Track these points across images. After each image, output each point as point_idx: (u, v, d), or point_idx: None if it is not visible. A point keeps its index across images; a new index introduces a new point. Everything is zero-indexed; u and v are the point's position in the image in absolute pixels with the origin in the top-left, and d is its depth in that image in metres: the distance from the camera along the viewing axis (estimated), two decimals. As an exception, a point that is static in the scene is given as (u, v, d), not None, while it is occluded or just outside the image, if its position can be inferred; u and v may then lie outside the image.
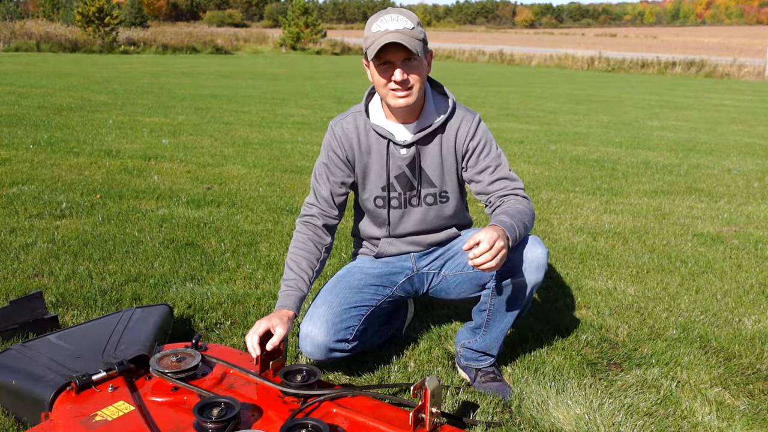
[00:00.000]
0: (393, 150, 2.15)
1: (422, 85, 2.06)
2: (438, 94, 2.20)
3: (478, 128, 2.16)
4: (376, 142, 2.16)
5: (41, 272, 3.12)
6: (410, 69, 1.99)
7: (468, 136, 2.15)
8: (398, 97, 2.02)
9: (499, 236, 1.81)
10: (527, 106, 12.44)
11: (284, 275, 2.15)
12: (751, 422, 2.09)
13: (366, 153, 2.18)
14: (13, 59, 20.85)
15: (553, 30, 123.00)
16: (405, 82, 2.00)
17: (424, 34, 2.01)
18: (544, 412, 2.10)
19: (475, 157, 2.16)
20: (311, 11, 38.93)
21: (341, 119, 2.20)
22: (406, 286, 2.33)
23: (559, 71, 27.42)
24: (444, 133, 2.16)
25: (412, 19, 1.97)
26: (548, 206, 4.92)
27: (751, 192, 5.69)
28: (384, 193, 2.20)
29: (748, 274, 3.55)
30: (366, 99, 2.20)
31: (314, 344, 2.08)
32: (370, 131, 2.16)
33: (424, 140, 2.15)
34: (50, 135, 7.02)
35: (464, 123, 2.15)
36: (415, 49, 1.93)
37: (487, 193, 2.15)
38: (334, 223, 2.24)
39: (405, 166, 2.17)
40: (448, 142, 2.16)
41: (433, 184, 2.20)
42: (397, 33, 1.92)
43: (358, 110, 2.19)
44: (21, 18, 39.53)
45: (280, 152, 6.71)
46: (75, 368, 1.88)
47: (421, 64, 2.01)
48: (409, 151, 2.15)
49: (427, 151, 2.16)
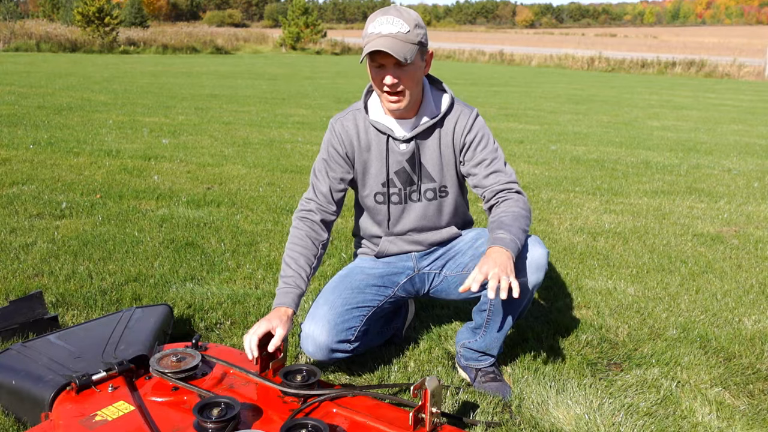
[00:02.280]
0: (392, 145, 2.16)
1: (416, 88, 2.06)
2: (436, 89, 2.21)
3: (476, 122, 2.17)
4: (376, 138, 2.17)
5: (41, 272, 3.12)
6: (402, 73, 1.99)
7: (465, 129, 2.16)
8: (390, 101, 2.05)
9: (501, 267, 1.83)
10: (527, 106, 12.44)
11: (282, 272, 2.14)
12: (751, 422, 2.09)
13: (366, 150, 2.18)
14: (13, 59, 20.84)
15: (553, 30, 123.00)
16: (395, 86, 2.00)
17: (421, 37, 1.99)
18: (544, 412, 2.10)
19: (471, 150, 2.17)
20: (311, 11, 38.91)
21: (341, 117, 2.21)
22: (408, 287, 2.33)
23: (559, 71, 27.42)
24: (442, 127, 2.17)
25: (409, 21, 1.96)
26: (548, 206, 4.92)
27: (751, 192, 5.69)
28: (384, 188, 2.21)
29: (748, 274, 3.55)
30: (365, 96, 2.21)
31: (316, 345, 2.08)
32: (370, 128, 2.17)
33: (423, 135, 2.16)
34: (50, 135, 7.02)
35: (462, 117, 2.16)
36: (403, 56, 1.92)
37: (483, 187, 2.17)
38: (332, 219, 2.24)
39: (405, 161, 2.17)
40: (447, 136, 2.17)
41: (432, 179, 2.20)
42: (388, 38, 1.93)
43: (357, 108, 2.20)
44: (21, 18, 39.52)
45: (280, 152, 6.71)
46: (75, 368, 1.88)
47: (414, 68, 2.00)
48: (409, 146, 2.16)
49: (426, 145, 2.17)
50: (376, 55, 1.95)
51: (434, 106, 2.16)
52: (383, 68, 1.99)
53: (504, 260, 1.87)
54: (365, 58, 1.99)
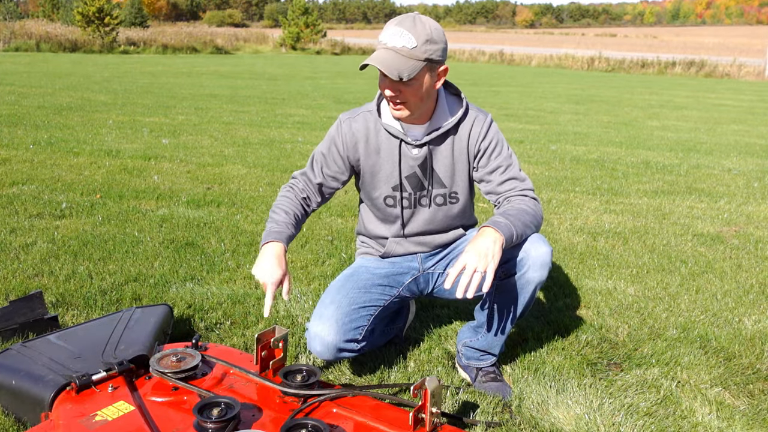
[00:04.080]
0: (405, 150, 2.14)
1: (421, 103, 2.02)
2: (450, 94, 2.19)
3: (490, 129, 2.16)
4: (387, 142, 2.15)
5: (41, 272, 3.12)
6: (402, 87, 1.96)
7: (480, 136, 2.14)
8: (393, 109, 2.04)
9: (480, 255, 1.83)
10: (527, 106, 12.43)
11: (271, 218, 2.13)
12: (751, 422, 2.09)
13: (375, 152, 2.16)
14: (13, 59, 20.84)
15: (553, 30, 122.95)
16: (394, 98, 1.99)
17: (431, 53, 1.91)
18: (544, 412, 2.10)
19: (486, 157, 2.16)
20: (311, 11, 38.89)
21: (351, 118, 2.18)
22: (412, 287, 2.33)
23: (559, 71, 27.42)
24: (456, 134, 2.15)
25: (420, 36, 1.89)
26: (548, 206, 4.92)
27: (751, 192, 5.69)
28: (395, 192, 2.20)
29: (748, 274, 3.55)
30: (378, 98, 2.17)
31: (324, 344, 2.07)
32: (381, 131, 2.15)
33: (436, 141, 2.14)
34: (50, 135, 7.03)
35: (476, 123, 2.14)
36: (398, 74, 1.88)
37: (497, 194, 2.15)
38: (314, 207, 2.25)
39: (416, 167, 2.16)
40: (461, 142, 2.15)
41: (443, 185, 2.19)
42: (390, 52, 1.90)
43: (369, 109, 2.17)
44: (21, 18, 39.55)
45: (280, 152, 6.72)
46: (75, 368, 1.88)
47: (417, 84, 1.95)
48: (421, 151, 2.14)
49: (439, 151, 2.15)
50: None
51: (448, 113, 2.14)
52: (385, 77, 1.96)
53: (487, 244, 1.85)
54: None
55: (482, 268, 1.82)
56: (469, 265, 1.82)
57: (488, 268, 1.82)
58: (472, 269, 1.81)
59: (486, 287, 1.82)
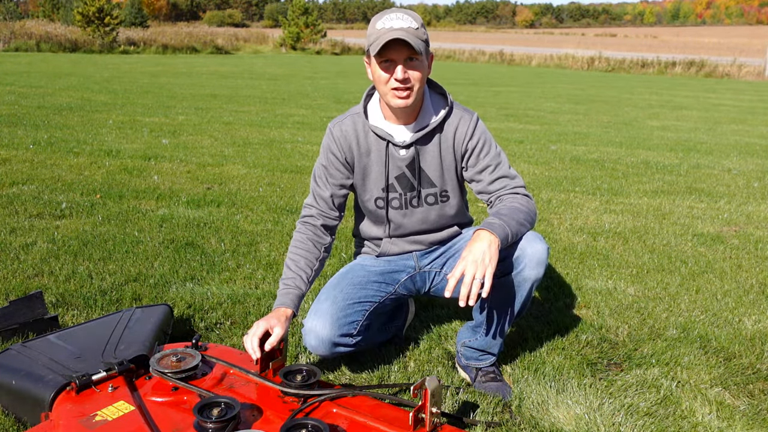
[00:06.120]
0: (392, 151, 2.15)
1: (422, 87, 2.05)
2: (435, 93, 2.20)
3: (477, 127, 2.16)
4: (376, 144, 2.16)
5: (41, 272, 3.12)
6: (412, 68, 1.99)
7: (467, 135, 2.15)
8: (398, 97, 2.01)
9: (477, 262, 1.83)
10: (527, 106, 12.43)
11: (283, 274, 2.15)
12: (751, 422, 2.09)
13: (365, 155, 2.17)
14: (13, 59, 20.84)
15: (553, 30, 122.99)
16: (406, 81, 1.99)
17: (427, 36, 2.01)
18: (544, 412, 2.10)
19: (474, 156, 2.16)
20: (311, 11, 38.88)
21: (339, 121, 2.20)
22: (408, 285, 2.33)
23: (559, 71, 27.42)
24: (442, 132, 2.15)
25: (416, 19, 1.98)
26: (548, 206, 4.92)
27: (751, 192, 5.69)
28: (384, 194, 2.20)
29: (748, 274, 3.55)
30: (364, 100, 2.19)
31: (318, 339, 2.09)
32: (369, 133, 2.16)
33: (422, 140, 2.14)
34: (50, 135, 7.02)
35: (462, 123, 2.15)
36: (418, 48, 1.93)
37: (488, 193, 2.15)
38: (334, 223, 2.24)
39: (405, 167, 2.17)
40: (447, 141, 2.16)
41: (433, 184, 2.20)
42: (401, 30, 1.93)
43: (357, 112, 2.18)
44: (21, 18, 39.53)
45: (280, 152, 6.71)
46: (75, 368, 1.88)
47: (423, 65, 2.01)
48: (409, 152, 2.15)
49: (426, 151, 2.16)
50: (388, 49, 1.94)
51: (434, 111, 2.15)
52: (392, 63, 1.97)
53: (483, 248, 1.85)
54: (370, 56, 1.99)
55: (480, 275, 1.82)
56: (467, 273, 1.83)
57: (486, 272, 1.83)
58: (471, 277, 1.82)
59: (486, 293, 1.83)
